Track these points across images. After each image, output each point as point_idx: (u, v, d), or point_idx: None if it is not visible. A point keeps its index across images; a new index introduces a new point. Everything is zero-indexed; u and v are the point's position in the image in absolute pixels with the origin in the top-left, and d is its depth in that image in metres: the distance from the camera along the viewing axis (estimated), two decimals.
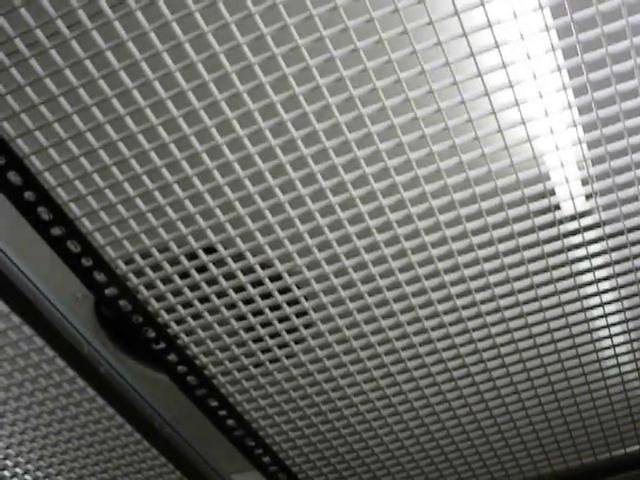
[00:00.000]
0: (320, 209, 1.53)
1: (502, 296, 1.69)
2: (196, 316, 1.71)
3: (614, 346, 1.82)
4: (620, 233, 1.59)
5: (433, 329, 1.75)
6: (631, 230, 1.59)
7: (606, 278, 1.67)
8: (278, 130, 1.45)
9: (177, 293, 1.68)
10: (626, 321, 1.77)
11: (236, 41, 1.30)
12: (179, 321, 1.72)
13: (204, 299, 1.69)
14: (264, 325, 1.75)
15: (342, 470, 2.11)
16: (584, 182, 1.53)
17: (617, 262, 1.64)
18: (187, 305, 1.70)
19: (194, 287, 1.67)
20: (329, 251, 1.60)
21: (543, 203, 1.53)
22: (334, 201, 1.51)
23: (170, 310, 1.70)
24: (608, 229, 1.58)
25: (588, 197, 1.55)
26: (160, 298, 1.68)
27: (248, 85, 1.36)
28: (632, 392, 1.94)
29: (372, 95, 1.41)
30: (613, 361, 1.86)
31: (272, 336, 1.77)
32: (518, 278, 1.66)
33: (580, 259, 1.63)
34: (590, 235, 1.59)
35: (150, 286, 1.66)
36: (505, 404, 1.95)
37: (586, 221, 1.58)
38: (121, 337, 1.87)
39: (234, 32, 1.30)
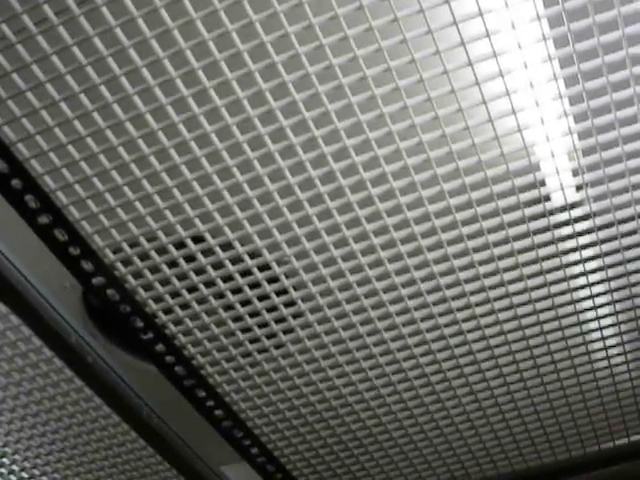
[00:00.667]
0: (309, 198, 1.52)
1: (492, 287, 1.68)
2: (184, 306, 1.70)
3: (604, 338, 1.81)
4: (610, 224, 1.59)
5: (422, 320, 1.74)
6: (621, 222, 1.58)
7: (596, 270, 1.67)
8: (267, 118, 1.44)
9: (165, 282, 1.67)
10: (616, 313, 1.76)
11: (225, 28, 1.29)
12: (167, 311, 1.72)
13: (192, 289, 1.68)
14: (252, 315, 1.74)
15: (330, 461, 2.11)
16: (575, 173, 1.52)
17: (607, 254, 1.64)
18: (175, 295, 1.69)
19: (182, 277, 1.66)
20: (318, 241, 1.59)
21: (533, 194, 1.53)
22: (322, 190, 1.50)
23: (158, 300, 1.69)
24: (598, 220, 1.58)
25: (579, 188, 1.54)
26: (148, 287, 1.67)
27: (237, 73, 1.35)
28: (621, 385, 1.94)
29: (361, 83, 1.40)
30: (602, 354, 1.86)
31: (261, 326, 1.76)
32: (508, 269, 1.66)
33: (570, 250, 1.63)
34: (580, 226, 1.59)
35: (138, 275, 1.65)
36: (494, 396, 1.94)
37: (576, 212, 1.57)
38: (109, 327, 1.86)
39: (223, 19, 1.28)
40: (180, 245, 1.61)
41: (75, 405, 1.99)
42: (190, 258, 1.63)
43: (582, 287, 1.70)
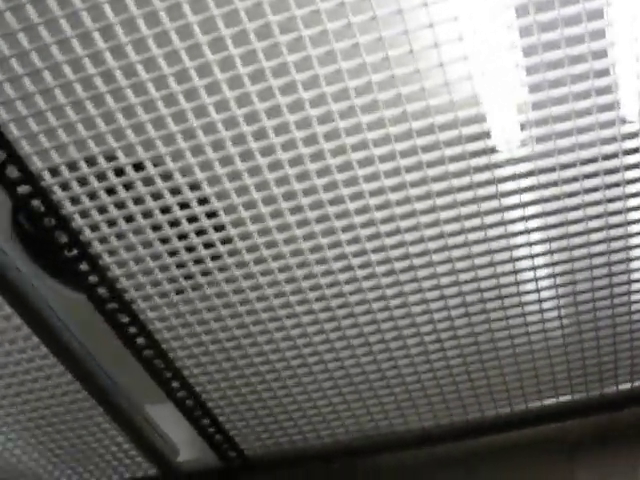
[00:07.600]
0: (253, 132, 1.49)
1: (431, 239, 1.67)
2: (111, 223, 1.65)
3: (538, 290, 1.81)
4: (552, 169, 1.57)
5: (355, 255, 1.72)
6: (564, 167, 1.57)
7: (536, 215, 1.65)
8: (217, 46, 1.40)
9: (92, 197, 1.60)
10: (554, 276, 1.76)
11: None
12: (93, 227, 1.66)
13: (120, 204, 1.62)
14: (189, 250, 1.70)
15: (253, 401, 2.08)
16: (522, 127, 1.51)
17: (547, 200, 1.62)
18: (102, 210, 1.63)
19: (110, 191, 1.60)
20: (259, 177, 1.56)
21: (479, 145, 1.51)
22: (268, 124, 1.48)
23: (84, 214, 1.63)
24: (540, 163, 1.56)
25: (522, 127, 1.52)
26: (75, 201, 1.61)
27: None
28: (553, 341, 1.94)
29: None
30: (536, 307, 1.85)
31: (196, 262, 1.72)
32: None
33: (510, 193, 1.60)
34: (522, 168, 1.57)
35: (65, 187, 1.59)
36: (424, 342, 1.94)
37: (519, 152, 1.55)
38: (37, 248, 1.80)
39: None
40: (111, 158, 1.55)
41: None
42: (119, 172, 1.57)
43: (520, 233, 1.69)
